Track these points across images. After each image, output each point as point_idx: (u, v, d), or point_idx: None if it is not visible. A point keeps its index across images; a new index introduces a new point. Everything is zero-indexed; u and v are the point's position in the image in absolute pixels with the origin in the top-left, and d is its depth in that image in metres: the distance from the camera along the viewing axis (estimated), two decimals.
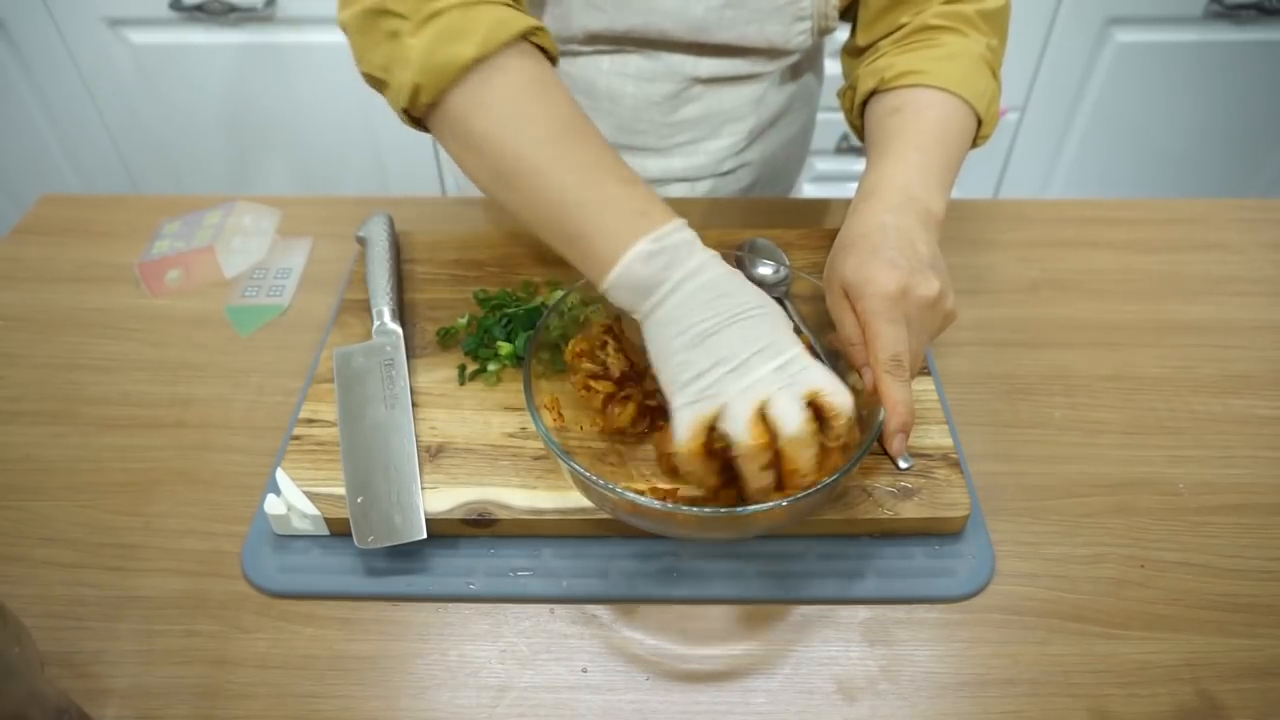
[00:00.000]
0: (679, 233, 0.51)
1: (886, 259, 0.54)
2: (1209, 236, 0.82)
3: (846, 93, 0.73)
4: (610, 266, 0.50)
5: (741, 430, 0.46)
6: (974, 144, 0.67)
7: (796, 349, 0.49)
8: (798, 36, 0.76)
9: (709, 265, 0.50)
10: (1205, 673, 0.51)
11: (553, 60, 0.59)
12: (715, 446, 0.49)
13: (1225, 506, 0.60)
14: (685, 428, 0.48)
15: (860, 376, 0.54)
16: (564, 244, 0.54)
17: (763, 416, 0.47)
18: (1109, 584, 0.55)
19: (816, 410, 0.48)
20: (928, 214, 0.58)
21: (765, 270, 0.68)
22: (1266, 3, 1.46)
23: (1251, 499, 0.60)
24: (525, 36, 0.55)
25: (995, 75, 0.68)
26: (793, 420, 0.46)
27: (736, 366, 0.47)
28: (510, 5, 0.56)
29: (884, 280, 0.53)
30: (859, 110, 0.71)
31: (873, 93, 0.68)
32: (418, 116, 0.57)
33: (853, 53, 0.75)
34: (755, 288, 0.51)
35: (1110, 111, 1.61)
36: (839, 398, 0.48)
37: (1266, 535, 0.58)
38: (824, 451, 0.49)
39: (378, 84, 0.58)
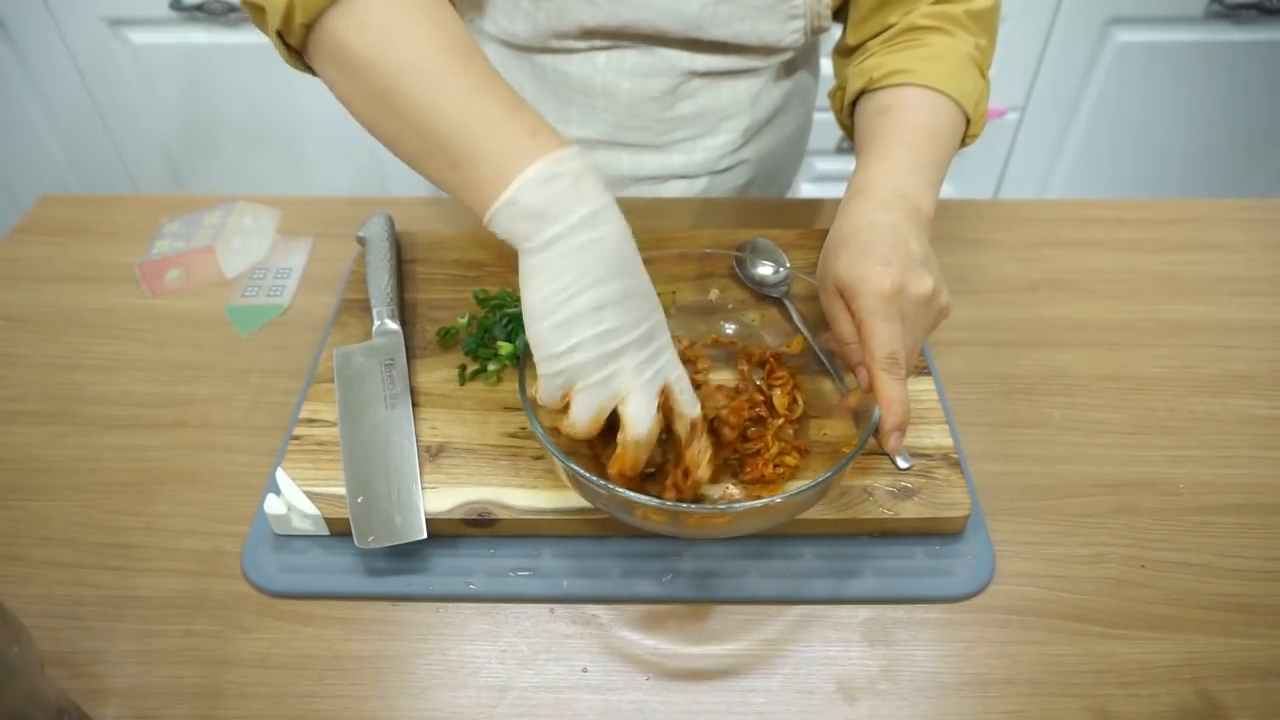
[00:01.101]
0: (577, 159, 0.48)
1: (879, 257, 0.53)
2: (1209, 236, 0.82)
3: (836, 93, 0.73)
4: (499, 190, 0.47)
5: (582, 419, 0.48)
6: (963, 143, 0.67)
7: (665, 337, 0.49)
8: (791, 34, 0.76)
9: (615, 216, 0.48)
10: (1205, 673, 0.51)
11: None
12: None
13: (1225, 506, 0.60)
14: (547, 400, 0.49)
15: (856, 375, 0.54)
16: (447, 171, 0.50)
17: (609, 408, 0.48)
18: (1109, 584, 0.55)
19: (664, 404, 0.49)
20: (917, 211, 0.58)
21: (765, 270, 0.68)
22: (1266, 3, 1.46)
23: (1251, 499, 0.60)
24: None
25: (984, 75, 0.68)
26: (642, 421, 0.48)
27: (612, 351, 0.47)
28: None
29: (878, 278, 0.52)
30: (849, 110, 0.71)
31: (861, 92, 0.68)
32: (295, 47, 0.53)
33: (843, 53, 0.75)
34: (639, 256, 0.49)
35: (1110, 111, 1.61)
36: (686, 395, 0.50)
37: (1266, 535, 0.58)
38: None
39: (255, 11, 0.54)
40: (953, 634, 0.53)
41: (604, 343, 0.47)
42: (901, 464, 0.58)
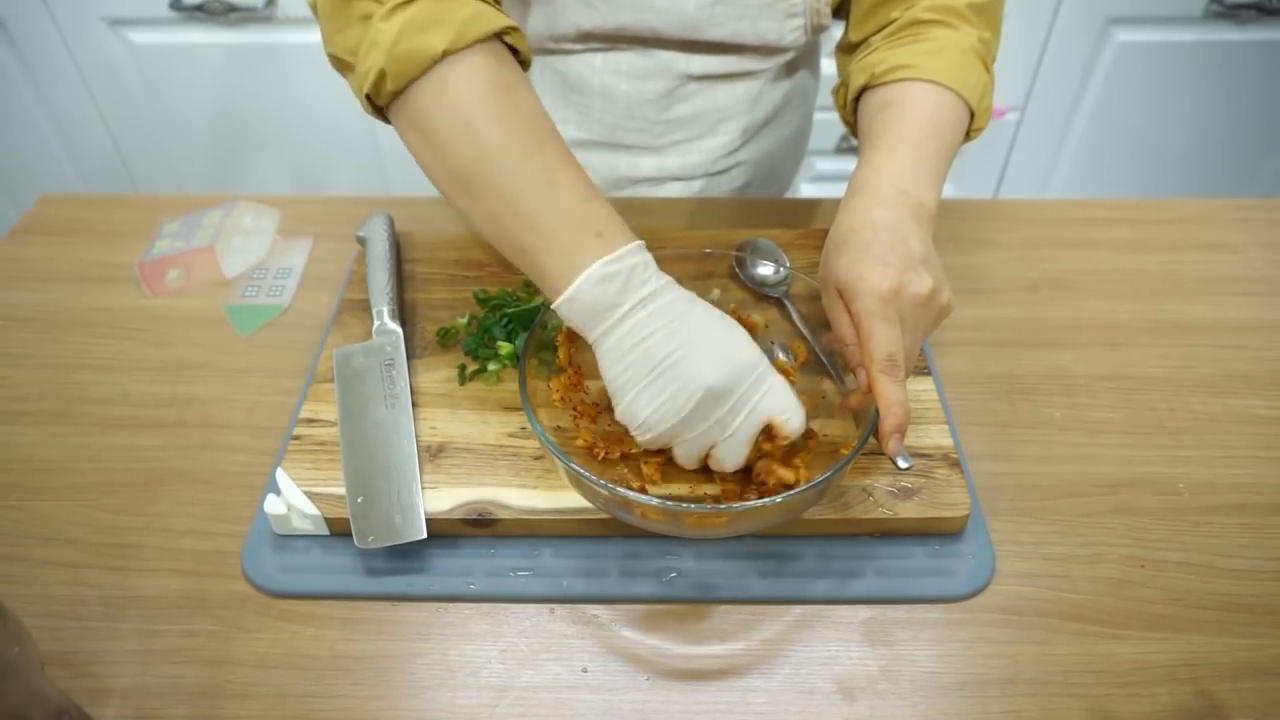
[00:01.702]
0: (634, 255, 0.50)
1: (878, 257, 0.53)
2: (1209, 236, 0.82)
3: (839, 90, 0.73)
4: (562, 288, 0.50)
5: (690, 465, 0.53)
6: (967, 137, 0.67)
7: (754, 374, 0.50)
8: (791, 34, 0.76)
9: (662, 291, 0.50)
10: (1205, 673, 0.51)
11: (524, 63, 0.57)
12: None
13: (1225, 506, 0.60)
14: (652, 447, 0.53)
15: (856, 376, 0.54)
16: (517, 256, 0.53)
17: (707, 456, 0.52)
18: (1109, 584, 0.55)
19: (769, 431, 0.51)
20: (920, 208, 0.58)
21: (765, 270, 0.68)
22: (1266, 3, 1.46)
23: (1251, 499, 0.60)
24: (499, 35, 0.54)
25: (988, 68, 0.67)
26: (730, 465, 0.52)
27: (675, 425, 0.49)
28: (486, 1, 0.55)
29: (876, 279, 0.52)
30: (852, 107, 0.70)
31: (864, 89, 0.67)
32: (380, 105, 0.56)
33: (846, 50, 0.74)
34: (709, 306, 0.51)
35: (1110, 111, 1.61)
36: (791, 424, 0.51)
37: (1266, 535, 0.58)
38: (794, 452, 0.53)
39: (343, 66, 0.57)
40: (953, 634, 0.53)
41: (664, 420, 0.49)
42: (901, 464, 0.58)
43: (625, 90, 0.78)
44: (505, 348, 0.65)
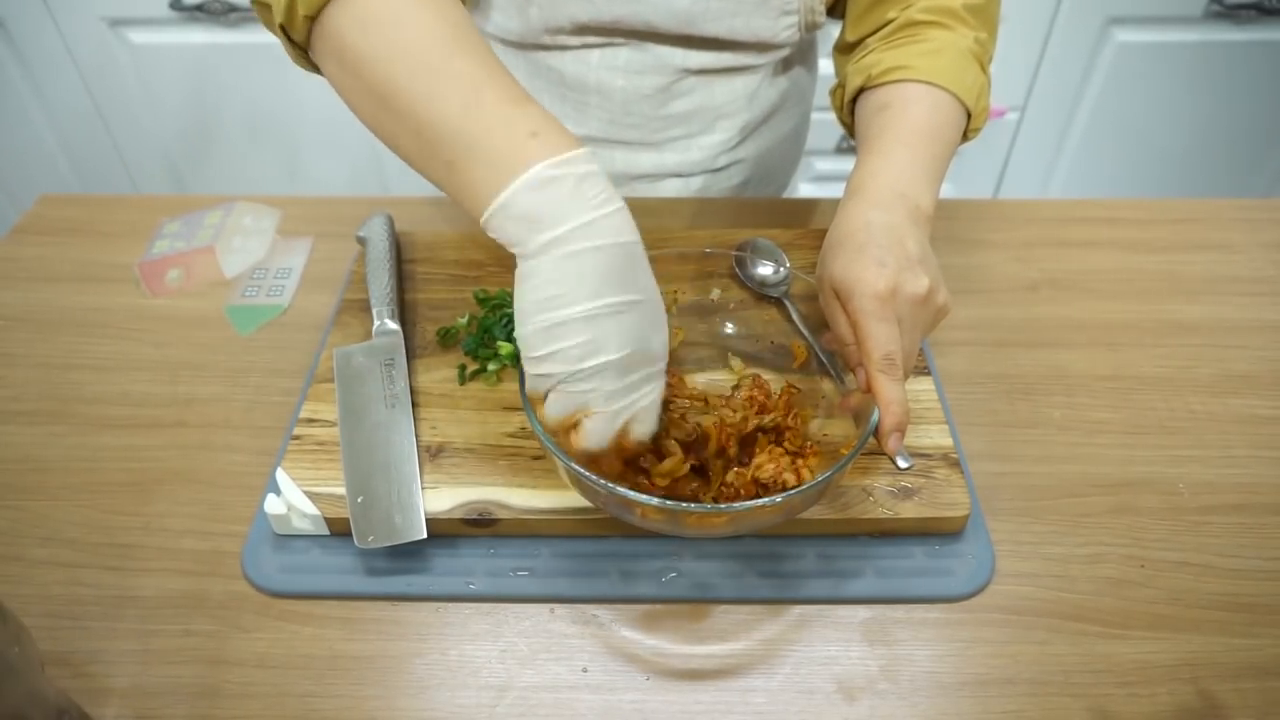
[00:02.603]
0: (583, 163, 0.46)
1: (873, 258, 0.53)
2: (1209, 236, 0.82)
3: (836, 91, 0.72)
4: (495, 193, 0.45)
5: (555, 417, 0.48)
6: (965, 138, 0.66)
7: (661, 363, 0.48)
8: (785, 31, 0.76)
9: (620, 226, 0.46)
10: (1205, 673, 0.51)
11: None
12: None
13: (1225, 506, 0.60)
14: (531, 394, 0.49)
15: (855, 376, 0.54)
16: (445, 173, 0.48)
17: (574, 422, 0.48)
18: (1109, 584, 0.55)
19: (624, 431, 0.49)
20: (916, 210, 0.57)
21: (765, 270, 0.68)
22: (1266, 3, 1.46)
23: (1251, 499, 0.60)
24: None
25: (984, 69, 0.67)
26: (588, 444, 0.48)
27: (591, 369, 0.45)
28: None
29: (872, 280, 0.52)
30: (849, 109, 0.70)
31: (861, 90, 0.67)
32: (300, 43, 0.53)
33: (843, 50, 0.74)
34: (650, 269, 0.48)
35: (1110, 111, 1.61)
36: (644, 428, 0.49)
37: (1266, 535, 0.58)
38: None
39: (261, 8, 0.53)
40: (952, 634, 0.53)
41: (582, 359, 0.45)
42: (901, 464, 0.58)
43: (621, 86, 0.78)
44: (505, 348, 0.65)
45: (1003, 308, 0.75)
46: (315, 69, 0.55)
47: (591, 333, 0.45)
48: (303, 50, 0.53)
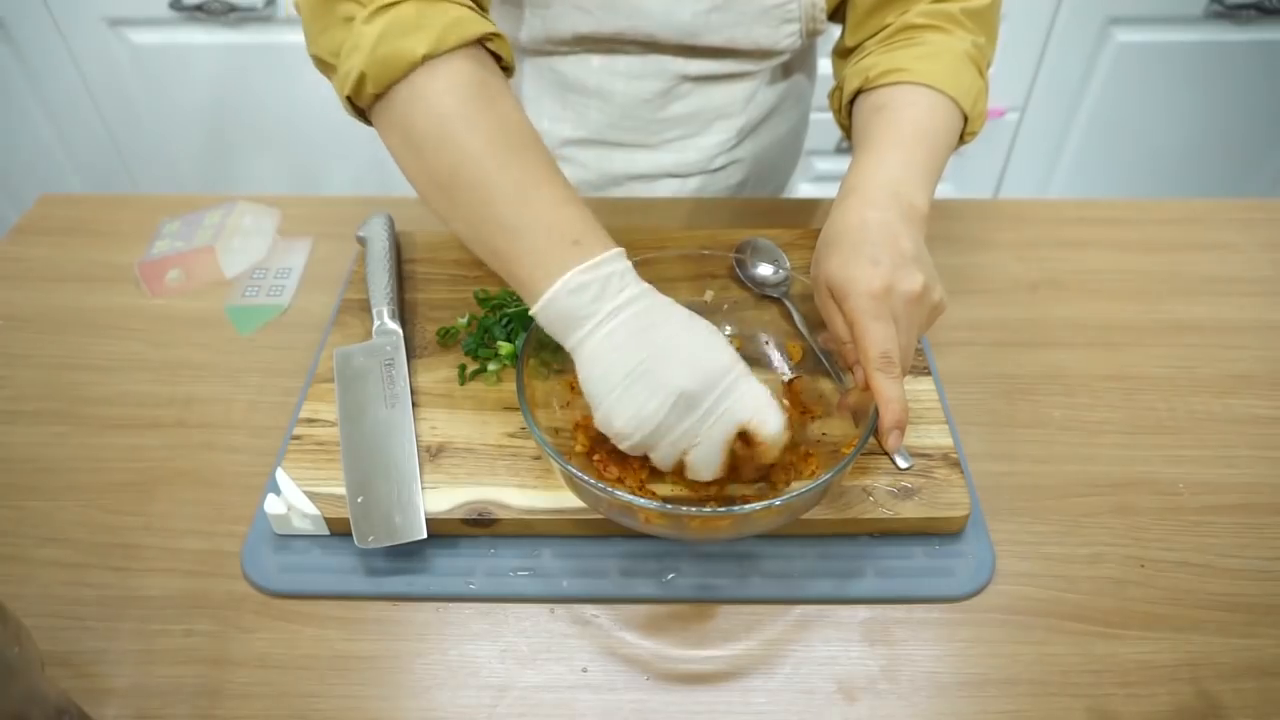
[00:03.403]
0: (611, 264, 0.50)
1: (868, 257, 0.54)
2: (1209, 236, 0.82)
3: (834, 93, 0.73)
4: (538, 294, 0.50)
5: (666, 470, 0.52)
6: (962, 141, 0.67)
7: (727, 379, 0.50)
8: (786, 38, 0.76)
9: (638, 298, 0.50)
10: (1205, 673, 0.51)
11: (507, 69, 0.58)
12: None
13: (1225, 506, 0.60)
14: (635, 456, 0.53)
15: (854, 375, 0.55)
16: (494, 261, 0.53)
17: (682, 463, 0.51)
18: (1109, 584, 0.55)
19: (746, 438, 0.51)
20: (911, 209, 0.58)
21: (765, 270, 0.68)
22: (1266, 3, 1.46)
23: (1251, 499, 0.60)
24: (480, 41, 0.54)
25: (982, 73, 0.67)
26: (707, 471, 0.51)
27: (651, 433, 0.49)
28: (470, 7, 0.55)
29: (867, 279, 0.53)
30: (846, 110, 0.71)
31: (858, 92, 0.68)
32: (361, 107, 0.56)
33: (842, 54, 0.75)
34: (687, 312, 0.51)
35: (1110, 111, 1.61)
36: (766, 427, 0.50)
37: (1266, 535, 0.58)
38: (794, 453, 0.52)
39: (325, 68, 0.57)
40: (952, 634, 0.53)
41: (641, 427, 0.49)
42: (901, 464, 0.58)
43: (621, 90, 0.79)
44: (505, 348, 0.65)
45: (1003, 308, 0.75)
46: (368, 123, 0.58)
47: (647, 386, 0.48)
48: (360, 111, 0.57)
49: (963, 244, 0.81)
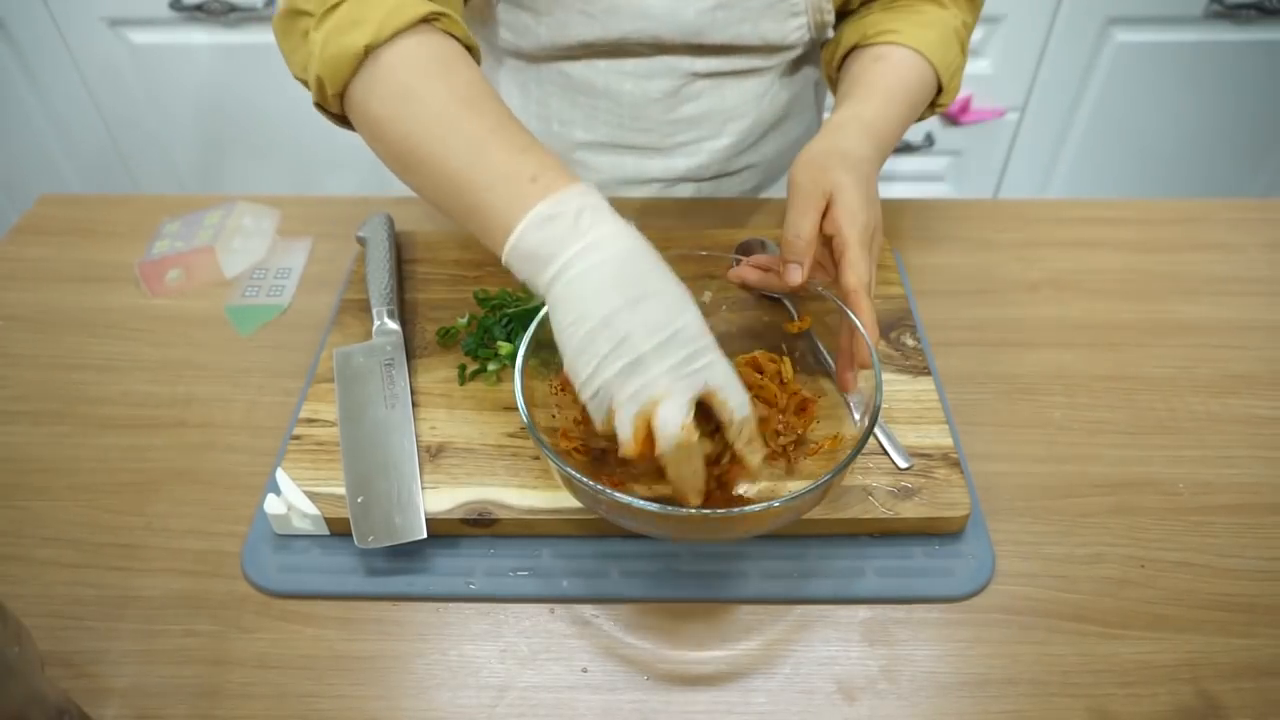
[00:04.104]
0: (579, 198, 0.49)
1: (872, 195, 0.59)
2: (1209, 236, 0.82)
3: (829, 45, 0.77)
4: (505, 236, 0.49)
5: (627, 437, 0.47)
6: (932, 109, 0.73)
7: (704, 339, 0.48)
8: (794, 32, 0.76)
9: (614, 237, 0.48)
10: (1205, 673, 0.51)
11: (471, 49, 0.58)
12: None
13: (1225, 506, 0.60)
14: (600, 425, 0.49)
15: (839, 376, 0.57)
16: (466, 221, 0.53)
17: (648, 419, 0.46)
18: (1109, 584, 0.55)
19: (710, 409, 0.48)
20: (884, 156, 0.65)
21: None
22: (1266, 3, 1.46)
23: (1251, 499, 0.60)
24: (425, 20, 0.55)
25: (964, 50, 0.73)
26: (671, 429, 0.46)
27: (632, 362, 0.46)
28: None
29: (870, 215, 0.57)
30: (838, 63, 0.76)
31: (854, 47, 0.73)
32: (336, 113, 0.58)
33: (843, 16, 0.79)
34: (664, 265, 0.49)
35: (1110, 111, 1.61)
36: (735, 398, 0.48)
37: (1266, 535, 0.58)
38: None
39: (303, 84, 0.59)
40: (952, 634, 0.53)
41: (620, 357, 0.46)
42: (901, 463, 0.58)
43: (630, 90, 0.78)
44: (505, 348, 0.65)
45: (1003, 308, 0.75)
46: (351, 127, 0.59)
47: (613, 337, 0.46)
48: (341, 118, 0.59)
49: (963, 244, 0.81)
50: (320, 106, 0.58)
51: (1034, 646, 0.52)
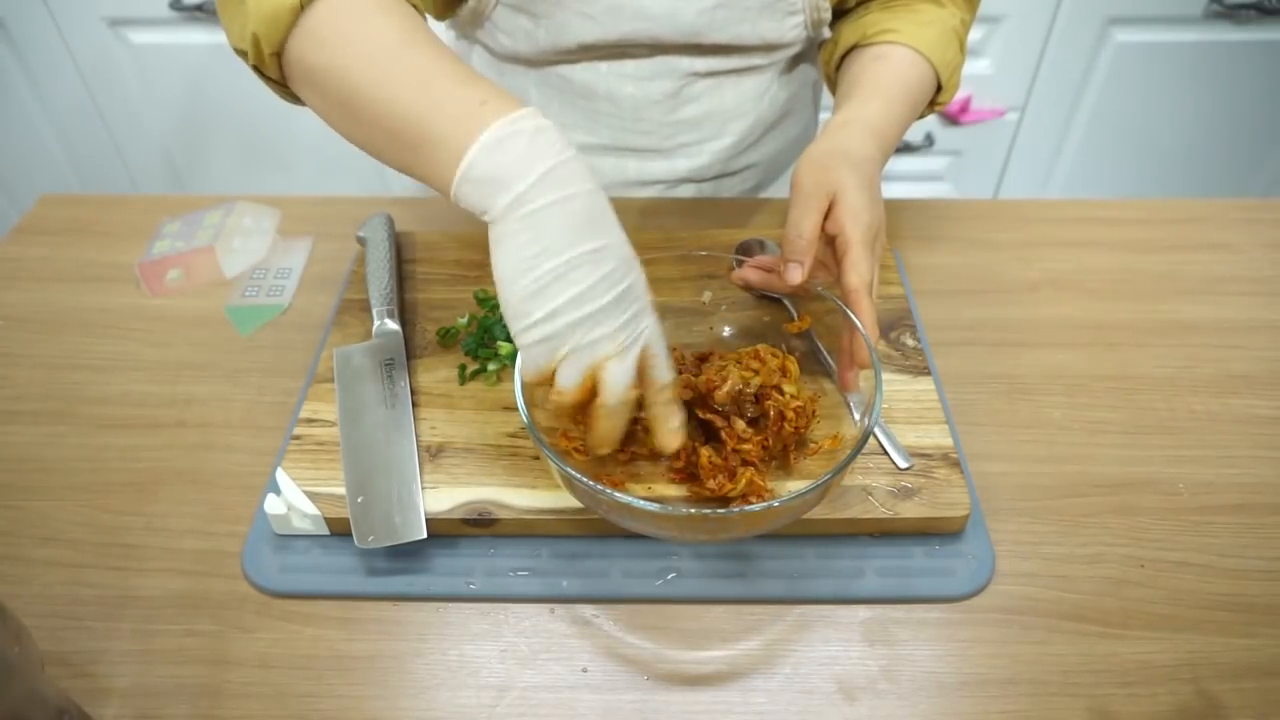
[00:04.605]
0: (532, 118, 0.47)
1: (875, 196, 0.59)
2: (1209, 236, 0.82)
3: (828, 45, 0.78)
4: (456, 162, 0.47)
5: (571, 386, 0.47)
6: (931, 107, 0.73)
7: (646, 299, 0.48)
8: (791, 31, 0.77)
9: (575, 173, 0.47)
10: (1205, 673, 0.51)
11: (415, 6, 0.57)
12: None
13: (1225, 506, 0.60)
14: (533, 372, 0.48)
15: (839, 377, 0.58)
16: (414, 158, 0.50)
17: (596, 372, 0.47)
18: (1109, 584, 0.55)
19: (642, 372, 0.49)
20: (887, 156, 0.65)
21: None
22: (1266, 3, 1.46)
23: (1251, 499, 0.60)
24: None
25: (963, 48, 0.74)
26: (620, 386, 0.47)
27: (592, 314, 0.46)
28: None
29: (873, 216, 0.58)
30: (837, 63, 0.76)
31: (854, 47, 0.73)
32: (276, 79, 0.56)
33: (840, 14, 0.79)
34: (614, 215, 0.49)
35: (1110, 111, 1.61)
36: (663, 360, 0.49)
37: (1266, 535, 0.58)
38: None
39: (242, 55, 0.57)
40: (952, 634, 0.53)
41: (581, 305, 0.45)
42: (901, 463, 0.58)
43: (630, 93, 0.78)
44: (505, 348, 0.65)
45: (1003, 308, 0.75)
46: (300, 101, 0.58)
47: (578, 282, 0.45)
48: (283, 85, 0.57)
49: (963, 244, 0.81)
50: (258, 70, 0.56)
51: (1034, 646, 0.52)
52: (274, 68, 0.55)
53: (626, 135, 0.82)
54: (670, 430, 0.51)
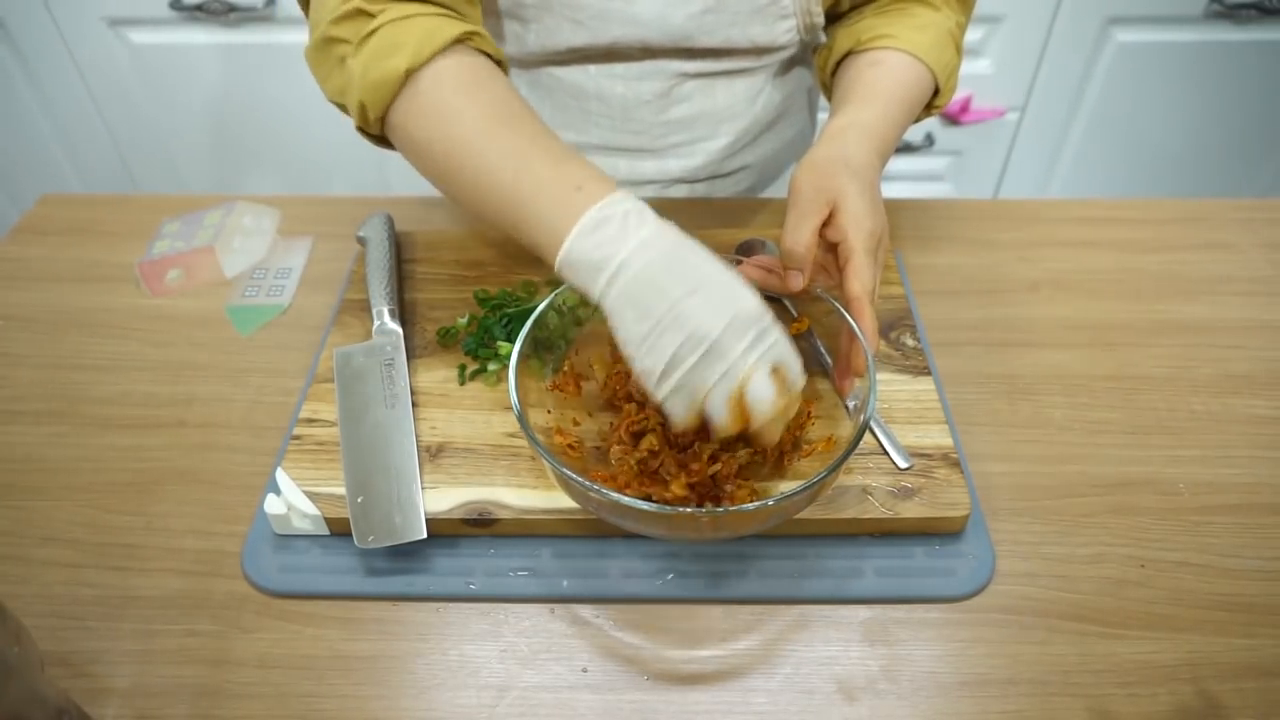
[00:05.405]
0: (622, 203, 0.50)
1: (876, 202, 0.59)
2: (1208, 236, 0.82)
3: (823, 51, 0.77)
4: (557, 248, 0.50)
5: (724, 418, 0.48)
6: (929, 111, 0.73)
7: (766, 316, 0.49)
8: (783, 35, 0.76)
9: (660, 234, 0.49)
10: (1205, 673, 0.51)
11: (500, 64, 0.60)
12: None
13: (1225, 506, 0.60)
14: (681, 419, 0.49)
15: (837, 381, 0.58)
16: (516, 234, 0.54)
17: (741, 398, 0.48)
18: (1109, 584, 0.55)
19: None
20: (885, 160, 0.64)
21: None
22: (1266, 3, 1.46)
23: (1251, 499, 0.60)
24: (459, 41, 0.57)
25: (959, 50, 0.73)
26: (766, 404, 0.48)
27: (711, 348, 0.47)
28: (444, 14, 0.58)
29: (875, 223, 0.57)
30: (833, 69, 0.75)
31: (849, 53, 0.73)
32: (378, 137, 0.60)
33: (835, 18, 0.78)
34: (709, 251, 0.50)
35: (1110, 111, 1.61)
36: (796, 371, 0.50)
37: (1266, 535, 0.58)
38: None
39: (342, 109, 0.61)
40: (953, 634, 0.53)
41: (696, 345, 0.47)
42: (901, 463, 0.58)
43: (621, 93, 0.78)
44: (505, 348, 0.65)
45: (1003, 308, 0.75)
46: (392, 147, 0.61)
47: (684, 327, 0.47)
48: (382, 139, 0.61)
49: (963, 244, 0.81)
50: (362, 130, 0.60)
51: (1034, 646, 0.52)
52: (377, 128, 0.59)
53: (618, 135, 0.81)
54: (775, 430, 0.51)
